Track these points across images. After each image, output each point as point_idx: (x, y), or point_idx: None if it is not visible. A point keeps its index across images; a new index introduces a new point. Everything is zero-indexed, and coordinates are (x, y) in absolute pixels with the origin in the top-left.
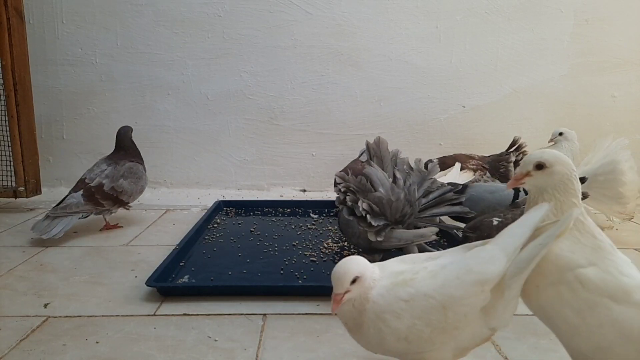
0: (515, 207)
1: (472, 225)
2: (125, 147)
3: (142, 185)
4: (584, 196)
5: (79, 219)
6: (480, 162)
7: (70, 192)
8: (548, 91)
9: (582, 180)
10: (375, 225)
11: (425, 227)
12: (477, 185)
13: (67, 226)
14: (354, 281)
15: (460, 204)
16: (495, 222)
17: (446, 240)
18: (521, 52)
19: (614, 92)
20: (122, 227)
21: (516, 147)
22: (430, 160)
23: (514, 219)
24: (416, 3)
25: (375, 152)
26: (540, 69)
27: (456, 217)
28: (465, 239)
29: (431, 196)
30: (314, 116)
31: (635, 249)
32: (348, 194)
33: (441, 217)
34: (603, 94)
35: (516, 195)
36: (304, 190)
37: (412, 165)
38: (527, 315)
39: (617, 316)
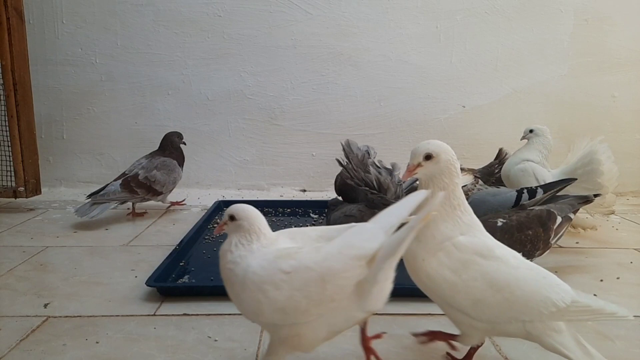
0: (520, 208)
1: None
2: (163, 148)
3: (175, 177)
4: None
5: (115, 206)
6: (473, 170)
7: (111, 182)
8: (548, 91)
9: (573, 181)
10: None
11: None
12: (480, 191)
13: (103, 210)
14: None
15: None
16: (499, 224)
17: None
18: (521, 52)
19: (614, 92)
20: (147, 213)
21: (503, 155)
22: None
23: (518, 221)
24: (416, 3)
25: (348, 152)
26: (540, 69)
27: None
28: None
29: (404, 185)
30: (314, 116)
31: (635, 249)
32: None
33: None
34: (603, 94)
35: (519, 198)
36: (304, 190)
37: (377, 163)
38: None
39: (485, 269)
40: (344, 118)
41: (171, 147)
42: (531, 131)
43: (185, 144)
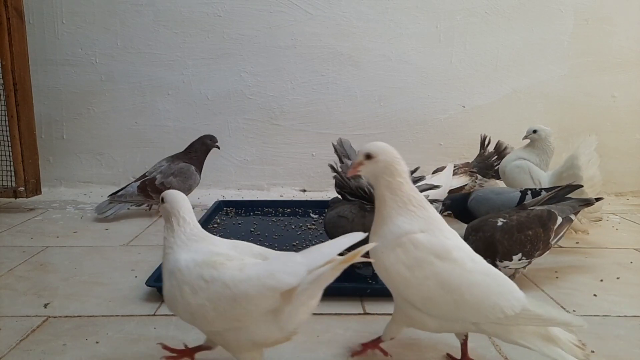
0: (522, 208)
1: (476, 225)
2: (189, 150)
3: (190, 184)
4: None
5: (132, 206)
6: (467, 168)
7: (131, 182)
8: (548, 91)
9: (578, 187)
10: None
11: None
12: (483, 188)
13: (119, 210)
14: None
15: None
16: (499, 223)
17: None
18: (521, 52)
19: (614, 92)
20: None
21: (502, 149)
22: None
23: (519, 221)
24: (416, 3)
25: (341, 152)
26: (540, 69)
27: (458, 216)
28: (466, 238)
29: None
30: (314, 116)
31: (635, 249)
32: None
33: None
34: (603, 94)
35: (523, 198)
36: (304, 190)
37: None
38: None
39: (439, 270)
40: (344, 118)
41: (200, 150)
42: (534, 131)
43: (219, 147)
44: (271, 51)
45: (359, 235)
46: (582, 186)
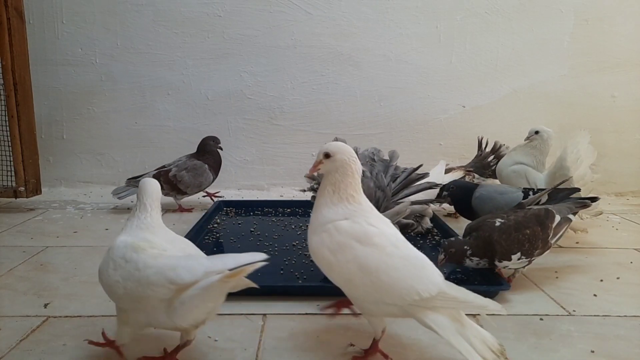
0: (519, 207)
1: (475, 225)
2: (198, 150)
3: (201, 181)
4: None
5: None
6: (463, 167)
7: (150, 171)
8: (548, 91)
9: (577, 190)
10: None
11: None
12: (487, 185)
13: (131, 194)
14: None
15: (424, 181)
16: (497, 224)
17: (440, 233)
18: (521, 52)
19: (614, 92)
20: (193, 209)
21: (498, 148)
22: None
23: (516, 220)
24: (416, 3)
25: None
26: (540, 69)
27: (460, 211)
28: (465, 236)
29: (398, 180)
30: (314, 116)
31: (635, 249)
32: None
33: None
34: (603, 94)
35: (525, 198)
36: (304, 190)
37: (373, 156)
38: (527, 315)
39: (359, 253)
40: (344, 118)
41: (204, 150)
42: (537, 132)
43: (221, 148)
44: (271, 51)
45: (259, 256)
46: (580, 190)
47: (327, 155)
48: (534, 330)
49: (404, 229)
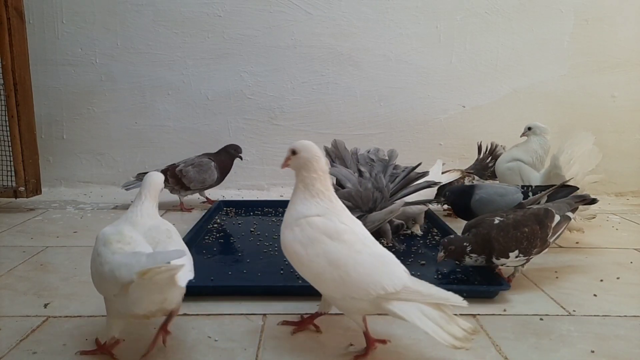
0: (519, 207)
1: (474, 222)
2: (216, 153)
3: (205, 177)
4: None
5: None
6: (463, 171)
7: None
8: (548, 91)
9: (575, 189)
10: None
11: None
12: (487, 186)
13: (137, 187)
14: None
15: (423, 180)
16: (496, 221)
17: (439, 233)
18: (521, 52)
19: (614, 92)
20: (193, 209)
21: (494, 149)
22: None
23: (515, 219)
24: (416, 3)
25: (335, 154)
26: (540, 69)
27: (459, 213)
28: (464, 233)
29: (397, 179)
30: (314, 116)
31: (635, 249)
32: None
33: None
34: (603, 94)
35: (526, 198)
36: None
37: (373, 157)
38: (527, 315)
39: (329, 248)
40: (344, 118)
41: (224, 155)
42: (529, 128)
43: (241, 158)
44: (271, 51)
45: (175, 254)
46: (578, 188)
47: (293, 152)
48: (534, 330)
49: (396, 230)
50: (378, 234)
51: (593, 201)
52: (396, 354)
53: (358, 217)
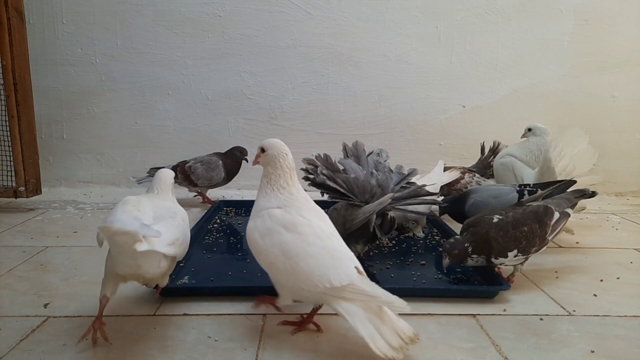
0: (518, 204)
1: (472, 222)
2: (224, 154)
3: (212, 175)
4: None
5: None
6: (465, 169)
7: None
8: (548, 91)
9: (573, 183)
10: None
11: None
12: (481, 189)
13: (148, 182)
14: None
15: (430, 197)
16: (495, 220)
17: (440, 234)
18: (521, 52)
19: (614, 92)
20: (216, 201)
21: (496, 147)
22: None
23: (514, 217)
24: (416, 3)
25: (352, 152)
26: (540, 69)
27: (455, 220)
28: (463, 232)
29: (405, 191)
30: (314, 116)
31: (635, 249)
32: (320, 174)
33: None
34: (603, 94)
35: (521, 198)
36: (304, 190)
37: (392, 168)
38: (527, 315)
39: (284, 239)
40: (344, 118)
41: (231, 156)
42: (529, 130)
43: (247, 160)
44: (271, 51)
45: (147, 230)
46: (576, 181)
47: (262, 150)
48: (534, 330)
49: (390, 224)
50: (367, 225)
51: (593, 194)
52: None
53: (354, 206)
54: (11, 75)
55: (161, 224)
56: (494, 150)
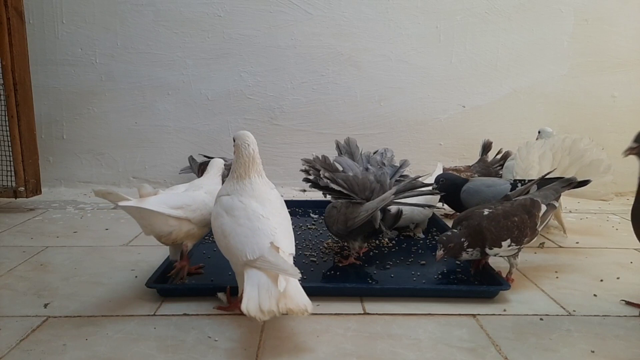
0: (505, 199)
1: (463, 216)
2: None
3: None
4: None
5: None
6: (469, 173)
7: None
8: (548, 91)
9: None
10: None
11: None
12: (477, 179)
13: (188, 173)
14: None
15: (426, 188)
16: (485, 212)
17: (439, 232)
18: (521, 52)
19: (614, 92)
20: None
21: (498, 152)
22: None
23: (504, 210)
24: (416, 3)
25: (346, 149)
26: (540, 69)
27: (450, 203)
28: (455, 226)
29: (402, 184)
30: (314, 116)
31: (635, 249)
32: (319, 173)
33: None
34: (603, 94)
35: (513, 190)
36: (304, 190)
37: (385, 161)
38: (527, 315)
39: (224, 221)
40: (344, 118)
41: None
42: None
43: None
44: (271, 51)
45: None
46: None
47: (234, 140)
48: (534, 330)
49: (394, 219)
50: (370, 222)
51: (581, 183)
52: (396, 354)
53: (355, 204)
54: (11, 75)
55: (173, 192)
56: (505, 160)
